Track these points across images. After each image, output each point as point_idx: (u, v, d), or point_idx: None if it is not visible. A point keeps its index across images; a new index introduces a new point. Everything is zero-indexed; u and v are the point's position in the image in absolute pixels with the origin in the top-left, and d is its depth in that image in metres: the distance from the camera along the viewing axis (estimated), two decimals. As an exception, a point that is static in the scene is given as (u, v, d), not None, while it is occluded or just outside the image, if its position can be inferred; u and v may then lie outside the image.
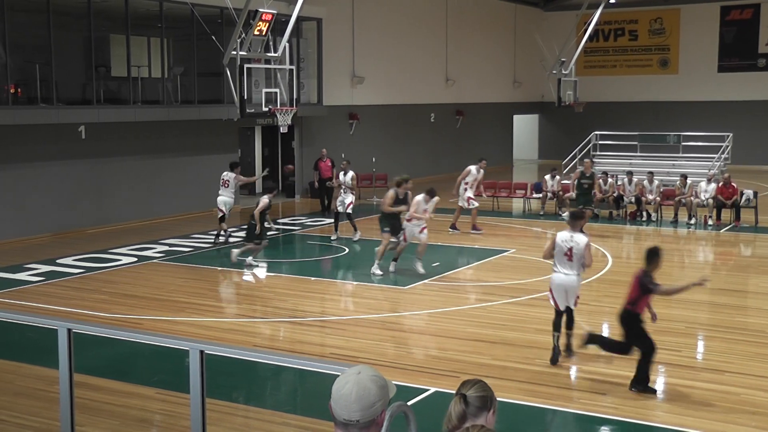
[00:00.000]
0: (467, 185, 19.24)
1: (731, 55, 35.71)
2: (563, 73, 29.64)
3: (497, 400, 3.44)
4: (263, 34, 19.29)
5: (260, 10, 18.92)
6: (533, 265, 15.42)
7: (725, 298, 13.14)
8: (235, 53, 18.84)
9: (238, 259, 15.26)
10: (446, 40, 32.25)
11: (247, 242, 15.44)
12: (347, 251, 17.09)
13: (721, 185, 20.53)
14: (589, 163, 20.76)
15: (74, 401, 4.64)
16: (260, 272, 15.14)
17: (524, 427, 8.22)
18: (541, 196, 22.58)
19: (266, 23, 19.12)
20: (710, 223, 20.32)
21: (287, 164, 24.11)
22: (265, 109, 19.81)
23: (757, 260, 17.21)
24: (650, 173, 21.78)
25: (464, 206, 19.18)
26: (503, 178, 26.41)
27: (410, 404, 3.31)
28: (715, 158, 28.99)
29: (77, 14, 19.78)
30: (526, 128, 39.40)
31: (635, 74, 37.59)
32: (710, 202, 20.39)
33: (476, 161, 19.74)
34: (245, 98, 19.15)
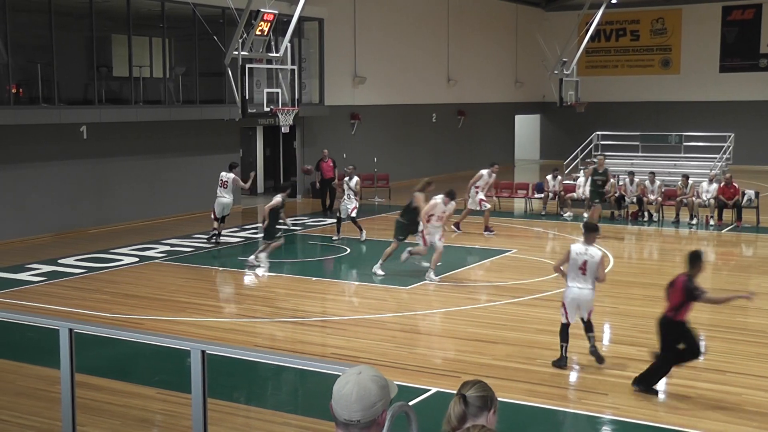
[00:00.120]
0: (478, 189, 19.26)
1: (733, 55, 35.69)
2: (565, 73, 29.61)
3: (498, 400, 3.44)
4: (265, 34, 19.30)
5: (262, 10, 18.93)
6: (535, 265, 15.43)
7: (726, 298, 13.11)
8: (236, 53, 18.85)
9: (265, 261, 15.17)
10: (448, 40, 32.24)
11: (266, 241, 15.46)
12: (349, 251, 17.09)
13: (722, 185, 20.52)
14: (602, 159, 20.76)
15: (75, 401, 4.65)
16: (261, 272, 15.15)
17: (525, 427, 8.22)
18: (542, 196, 22.59)
19: (268, 23, 19.13)
20: (712, 223, 20.31)
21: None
22: (266, 109, 19.81)
23: (758, 260, 17.20)
24: (652, 173, 21.78)
25: (476, 209, 19.20)
26: (505, 178, 26.39)
27: (411, 404, 3.31)
28: (716, 158, 28.95)
29: (79, 14, 19.79)
30: (527, 128, 39.39)
31: (637, 74, 37.58)
32: (712, 202, 20.38)
33: (488, 165, 19.72)
34: (247, 98, 19.14)
